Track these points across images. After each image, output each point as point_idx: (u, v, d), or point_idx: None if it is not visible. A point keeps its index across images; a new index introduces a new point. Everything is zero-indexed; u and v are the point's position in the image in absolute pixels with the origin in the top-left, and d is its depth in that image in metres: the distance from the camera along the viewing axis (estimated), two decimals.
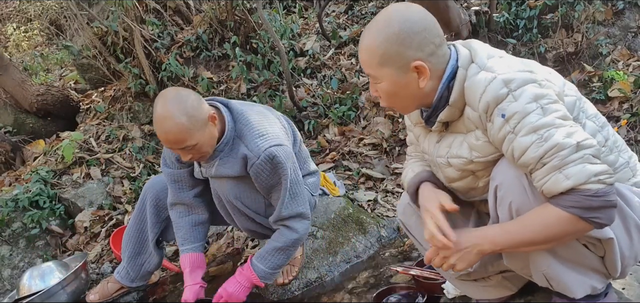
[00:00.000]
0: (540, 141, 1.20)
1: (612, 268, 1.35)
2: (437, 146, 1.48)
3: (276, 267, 2.15)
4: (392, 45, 1.30)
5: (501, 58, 1.33)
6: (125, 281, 2.47)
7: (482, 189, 1.44)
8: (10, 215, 3.15)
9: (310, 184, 2.41)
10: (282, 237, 2.13)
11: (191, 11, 4.92)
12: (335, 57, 4.34)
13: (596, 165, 1.18)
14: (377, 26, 1.33)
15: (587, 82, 3.25)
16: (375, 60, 1.33)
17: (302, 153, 2.39)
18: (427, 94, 1.37)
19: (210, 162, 2.09)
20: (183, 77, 4.06)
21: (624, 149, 1.42)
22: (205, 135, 1.95)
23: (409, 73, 1.33)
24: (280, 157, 2.00)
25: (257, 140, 2.01)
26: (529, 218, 1.28)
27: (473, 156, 1.37)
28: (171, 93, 1.94)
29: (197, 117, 1.90)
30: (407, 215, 1.71)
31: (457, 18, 3.50)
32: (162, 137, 1.93)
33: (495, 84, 1.25)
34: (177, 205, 2.31)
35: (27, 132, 4.45)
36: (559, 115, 1.21)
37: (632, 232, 1.32)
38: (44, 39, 7.05)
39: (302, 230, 2.14)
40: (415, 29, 1.29)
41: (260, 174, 2.02)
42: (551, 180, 1.20)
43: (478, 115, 1.30)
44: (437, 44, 1.33)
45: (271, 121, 2.13)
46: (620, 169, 1.37)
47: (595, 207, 1.18)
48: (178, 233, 2.32)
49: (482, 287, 1.65)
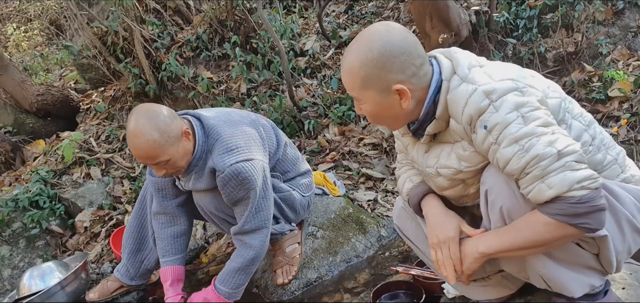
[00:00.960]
0: (521, 152, 1.20)
1: (607, 265, 1.35)
2: (426, 156, 1.49)
3: (239, 286, 2.18)
4: (372, 69, 1.31)
5: (482, 67, 1.34)
6: (125, 279, 2.48)
7: (474, 195, 1.45)
8: (10, 215, 3.15)
9: (301, 185, 2.42)
10: (239, 257, 2.15)
11: (191, 11, 4.91)
12: (335, 57, 4.34)
13: (579, 171, 1.18)
14: (358, 49, 1.33)
15: (587, 82, 3.24)
16: (357, 83, 1.35)
17: (289, 156, 2.39)
18: (411, 111, 1.38)
19: (187, 176, 2.11)
20: (183, 77, 4.06)
21: (612, 145, 1.42)
22: (179, 151, 1.97)
23: (390, 95, 1.34)
24: (246, 172, 2.00)
25: (224, 155, 2.02)
26: (521, 223, 1.29)
27: (462, 166, 1.38)
28: (143, 109, 1.96)
29: (169, 132, 1.92)
30: (403, 219, 1.72)
31: (457, 18, 3.50)
32: (135, 153, 1.95)
33: (476, 96, 1.26)
34: (159, 215, 2.34)
35: (27, 132, 4.45)
36: (540, 122, 1.21)
37: (623, 227, 1.33)
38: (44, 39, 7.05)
39: (258, 244, 2.15)
40: (395, 53, 1.30)
41: (225, 188, 2.04)
42: (535, 190, 1.22)
43: (462, 128, 1.31)
44: (418, 64, 1.33)
45: (244, 133, 2.13)
46: (609, 166, 1.38)
47: (581, 213, 1.18)
48: (159, 244, 2.35)
49: (481, 286, 1.65)
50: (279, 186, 2.32)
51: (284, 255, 2.37)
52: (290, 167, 2.39)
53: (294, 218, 2.42)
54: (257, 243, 2.15)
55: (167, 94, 4.12)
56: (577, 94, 3.20)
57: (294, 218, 2.42)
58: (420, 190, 1.56)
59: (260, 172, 2.07)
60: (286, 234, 2.39)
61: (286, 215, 2.37)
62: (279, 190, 2.31)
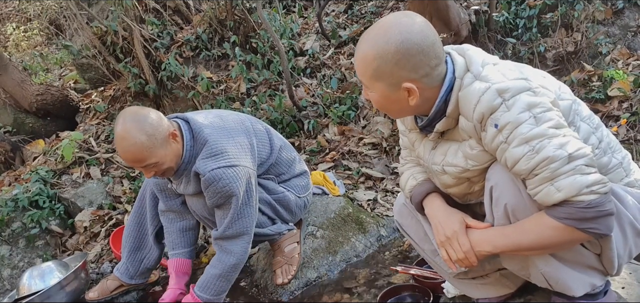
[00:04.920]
0: (531, 153, 1.19)
1: (609, 266, 1.35)
2: (433, 153, 1.48)
3: (220, 292, 2.18)
4: (386, 63, 1.29)
5: (495, 65, 1.32)
6: (125, 277, 2.48)
7: (478, 192, 1.45)
8: (10, 215, 3.15)
9: (296, 186, 2.42)
10: (220, 263, 2.15)
11: (191, 11, 4.92)
12: (334, 56, 4.34)
13: (589, 175, 1.17)
14: (375, 39, 1.31)
15: (586, 82, 3.24)
16: (368, 73, 1.33)
17: (283, 159, 2.39)
18: (419, 107, 1.37)
19: (178, 179, 2.13)
20: (182, 77, 4.06)
21: (618, 149, 1.42)
22: (167, 153, 1.98)
23: (399, 91, 1.32)
24: (226, 179, 2.00)
25: (207, 160, 2.03)
26: (528, 224, 1.28)
27: (469, 165, 1.37)
28: (130, 112, 1.97)
29: (156, 135, 1.92)
30: (403, 215, 1.71)
31: (456, 17, 3.50)
32: (123, 156, 1.96)
33: (489, 94, 1.24)
34: (167, 212, 2.37)
35: (26, 132, 4.45)
36: (552, 124, 1.20)
37: (626, 230, 1.32)
38: (44, 38, 7.05)
39: (239, 251, 2.15)
40: (411, 51, 1.27)
41: (206, 192, 2.05)
42: (543, 192, 1.21)
43: (472, 125, 1.30)
44: (433, 65, 1.30)
45: (232, 138, 2.12)
46: (614, 169, 1.37)
47: (589, 218, 1.17)
48: (168, 239, 2.39)
49: (480, 285, 1.65)
50: (273, 188, 2.33)
51: (283, 255, 2.37)
52: (285, 169, 2.40)
53: (291, 219, 2.43)
54: (239, 249, 2.14)
55: (167, 93, 4.12)
56: (577, 94, 3.20)
57: (290, 218, 2.42)
58: (424, 188, 1.55)
59: (244, 179, 2.06)
60: (284, 234, 2.39)
61: (282, 215, 2.37)
62: (273, 191, 2.32)
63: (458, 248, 1.40)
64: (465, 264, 1.40)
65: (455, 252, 1.41)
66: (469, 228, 1.41)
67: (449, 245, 1.43)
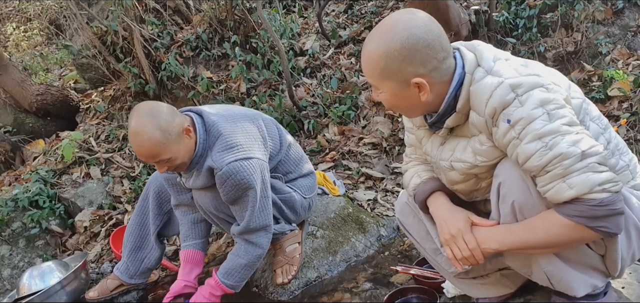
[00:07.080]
0: (544, 149, 1.19)
1: (612, 267, 1.35)
2: (441, 149, 1.47)
3: (243, 279, 2.21)
4: (393, 61, 1.28)
5: (507, 61, 1.32)
6: (125, 277, 2.48)
7: (485, 190, 1.44)
8: (10, 215, 3.15)
9: (303, 186, 2.41)
10: (247, 254, 2.16)
11: (191, 11, 4.91)
12: (334, 56, 4.34)
13: (601, 173, 1.16)
14: (380, 38, 1.30)
15: (586, 81, 3.24)
16: (376, 72, 1.33)
17: (292, 157, 2.39)
18: (430, 103, 1.36)
19: (188, 173, 2.12)
20: (183, 77, 4.06)
21: (625, 151, 1.41)
22: (180, 148, 1.98)
23: (409, 88, 1.32)
24: (243, 172, 2.00)
25: (223, 153, 2.02)
26: (536, 223, 1.27)
27: (478, 161, 1.36)
28: (144, 107, 1.96)
29: (170, 130, 1.92)
30: (405, 214, 1.71)
31: (456, 17, 3.51)
32: (137, 151, 1.96)
33: (501, 89, 1.23)
34: (180, 206, 2.38)
35: (26, 131, 4.45)
36: (565, 121, 1.19)
37: (631, 232, 1.32)
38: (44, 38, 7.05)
39: (265, 244, 2.18)
40: (418, 46, 1.26)
41: (223, 187, 2.04)
42: (555, 189, 1.20)
43: (484, 120, 1.29)
44: (441, 58, 1.30)
45: (245, 130, 2.13)
46: (620, 172, 1.37)
47: (600, 216, 1.17)
48: (181, 230, 2.40)
49: (480, 284, 1.65)
50: (280, 187, 2.32)
51: (284, 255, 2.37)
52: (293, 168, 2.39)
53: (295, 219, 2.42)
54: (265, 242, 2.18)
55: (167, 93, 4.12)
56: None
57: (294, 219, 2.42)
58: (428, 186, 1.54)
59: (259, 171, 2.06)
60: (286, 234, 2.39)
61: (286, 216, 2.37)
62: (279, 191, 2.31)
63: (463, 246, 1.39)
64: (471, 262, 1.40)
65: (460, 250, 1.40)
66: (474, 226, 1.40)
67: (454, 243, 1.42)
